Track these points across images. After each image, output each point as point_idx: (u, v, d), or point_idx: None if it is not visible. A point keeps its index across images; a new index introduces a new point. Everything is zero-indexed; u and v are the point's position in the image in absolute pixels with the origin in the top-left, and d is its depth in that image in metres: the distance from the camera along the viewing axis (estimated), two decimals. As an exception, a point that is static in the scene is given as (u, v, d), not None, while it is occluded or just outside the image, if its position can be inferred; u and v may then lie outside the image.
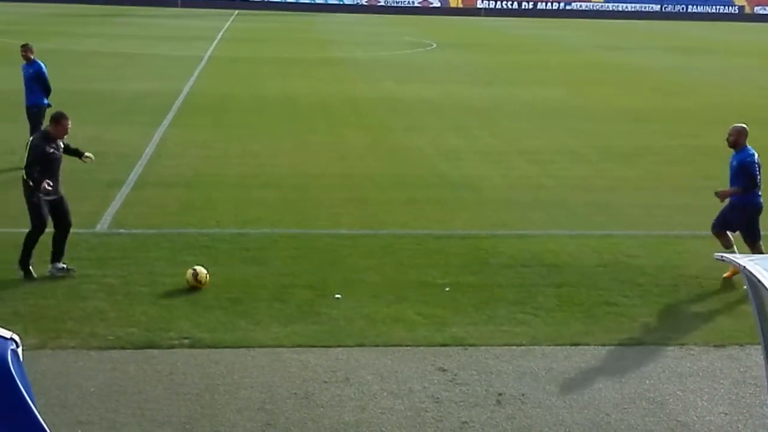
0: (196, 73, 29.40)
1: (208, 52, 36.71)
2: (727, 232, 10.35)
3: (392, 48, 42.60)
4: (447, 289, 9.85)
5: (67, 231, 10.02)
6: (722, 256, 5.12)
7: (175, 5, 73.52)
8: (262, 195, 13.90)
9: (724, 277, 10.14)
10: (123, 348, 8.16)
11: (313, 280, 10.02)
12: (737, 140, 10.27)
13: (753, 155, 10.16)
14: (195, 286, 9.56)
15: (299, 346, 8.30)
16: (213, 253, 10.85)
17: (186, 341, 8.33)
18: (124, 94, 24.38)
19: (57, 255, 9.95)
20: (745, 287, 4.73)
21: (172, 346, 8.22)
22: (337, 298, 9.47)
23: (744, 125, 10.38)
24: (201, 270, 9.63)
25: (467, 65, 35.50)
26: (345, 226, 12.26)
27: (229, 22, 56.54)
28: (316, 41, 45.32)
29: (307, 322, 8.83)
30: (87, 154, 10.51)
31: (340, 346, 8.31)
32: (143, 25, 51.55)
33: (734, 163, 10.28)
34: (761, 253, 10.01)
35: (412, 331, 8.68)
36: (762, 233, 10.41)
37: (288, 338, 8.46)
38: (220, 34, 46.89)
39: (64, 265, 9.95)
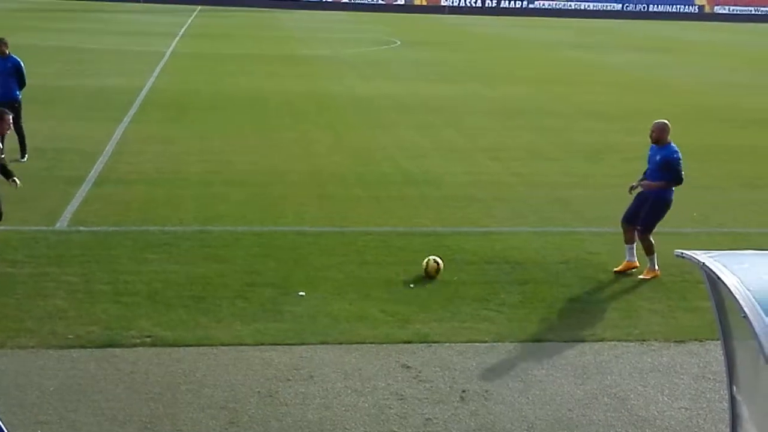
0: (158, 69, 29.14)
1: (171, 48, 36.40)
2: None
3: (357, 45, 42.55)
4: (411, 286, 9.87)
5: None
6: (682, 253, 5.17)
7: (137, 1, 72.79)
8: (225, 192, 13.82)
9: (615, 271, 10.33)
10: (83, 347, 8.07)
11: (276, 277, 9.98)
12: (660, 136, 10.41)
13: (678, 152, 10.35)
14: (432, 275, 9.98)
15: (262, 344, 8.26)
16: (175, 251, 10.77)
17: (148, 340, 8.25)
18: (85, 90, 24.10)
19: None
20: (704, 284, 4.78)
21: (134, 345, 8.14)
22: (301, 295, 9.45)
23: (666, 121, 10.53)
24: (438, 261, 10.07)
25: (432, 63, 35.56)
26: (309, 224, 12.23)
27: (191, 18, 56.13)
28: (281, 38, 45.12)
29: (271, 320, 8.79)
30: (15, 179, 10.33)
31: (303, 344, 8.29)
32: (105, 20, 50.99)
33: (657, 157, 10.38)
34: (649, 244, 10.13)
35: (376, 329, 8.68)
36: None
37: (251, 336, 8.42)
38: (183, 30, 46.52)
39: None
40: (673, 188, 10.44)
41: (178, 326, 8.56)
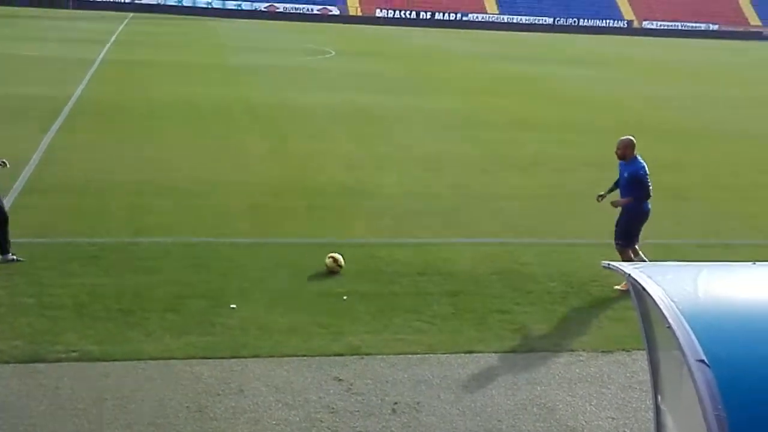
0: (87, 77, 28.63)
1: (101, 56, 35.80)
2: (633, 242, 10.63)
3: (292, 55, 42.43)
4: (345, 298, 9.83)
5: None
6: (609, 265, 5.25)
7: (67, 7, 71.44)
8: (156, 202, 13.61)
9: (616, 288, 10.38)
10: (6, 362, 7.84)
11: (208, 290, 9.85)
12: (624, 153, 10.54)
13: (644, 167, 10.45)
14: (334, 270, 10.39)
15: (192, 357, 8.13)
16: (103, 263, 10.56)
17: (73, 354, 8.06)
18: (11, 98, 23.52)
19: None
20: (630, 294, 4.86)
21: (59, 360, 7.94)
22: (233, 308, 9.34)
23: (631, 137, 10.66)
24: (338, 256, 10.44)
25: (366, 73, 35.66)
26: (242, 235, 12.12)
27: (122, 26, 55.30)
28: (215, 46, 44.76)
29: (201, 333, 8.67)
30: (4, 160, 10.93)
31: (234, 358, 8.18)
32: (33, 27, 49.89)
33: (625, 174, 10.53)
34: (629, 258, 10.35)
35: (308, 341, 8.63)
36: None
37: (181, 350, 8.28)
38: (114, 37, 45.81)
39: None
40: (649, 201, 10.54)
41: (106, 340, 8.38)
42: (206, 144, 18.60)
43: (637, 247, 10.62)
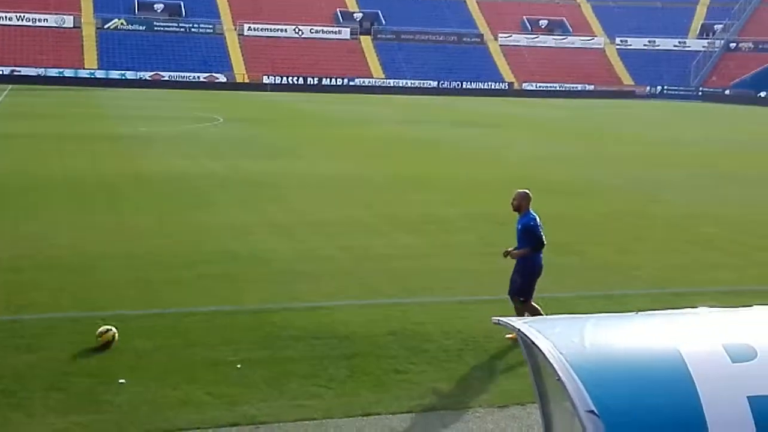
0: (-36, 151, 27.61)
1: (-21, 129, 34.65)
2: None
3: (178, 123, 42.06)
4: (239, 366, 9.64)
5: None
6: (498, 320, 5.32)
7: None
8: (38, 278, 13.12)
9: (507, 337, 10.53)
10: None
11: (94, 366, 9.50)
12: (520, 204, 10.87)
13: (535, 218, 10.78)
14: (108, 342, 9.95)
15: (79, 437, 7.79)
16: (-18, 343, 10.06)
17: (-50, 442, 7.61)
18: None
19: None
20: (521, 349, 4.92)
21: (-66, 449, 7.49)
22: (122, 383, 9.02)
23: (527, 191, 10.99)
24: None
25: (254, 139, 35.63)
26: (129, 308, 11.77)
27: (1, 97, 53.80)
28: (98, 116, 43.99)
29: (88, 412, 8.32)
30: None
31: (124, 435, 7.88)
32: None
33: (519, 226, 10.86)
34: (530, 311, 10.55)
35: (202, 413, 8.39)
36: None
37: (66, 430, 7.92)
38: (-8, 109, 44.48)
39: None
40: (541, 254, 10.79)
41: (-15, 425, 7.95)
42: (90, 217, 18.11)
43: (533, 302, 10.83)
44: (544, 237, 10.78)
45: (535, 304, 10.77)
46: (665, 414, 3.96)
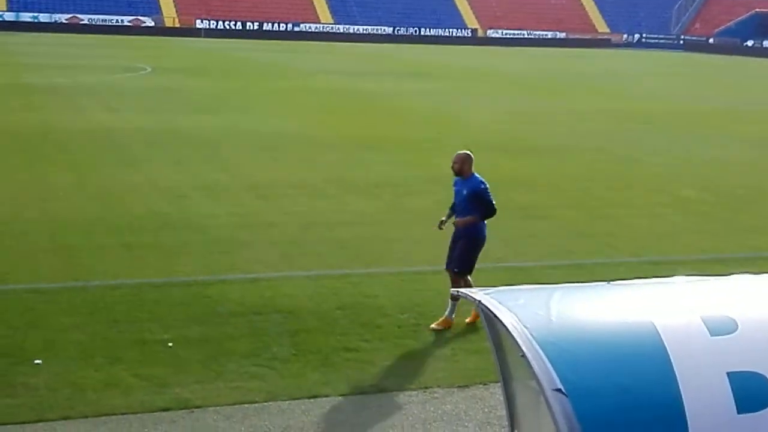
0: None
1: None
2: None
3: (100, 72, 41.43)
4: (170, 344, 9.61)
5: None
6: (458, 291, 5.36)
7: None
8: (-59, 247, 12.91)
9: (467, 323, 10.55)
10: None
11: (6, 345, 9.41)
12: (462, 168, 10.63)
13: (484, 182, 10.55)
14: None
15: (-9, 424, 7.75)
16: None
17: None
18: None
19: None
20: (482, 324, 4.98)
21: None
22: (37, 363, 8.95)
23: (469, 152, 10.78)
24: None
25: (187, 91, 35.25)
26: (45, 280, 11.65)
27: None
28: (7, 65, 43.13)
29: (1, 395, 8.26)
30: None
31: (41, 421, 7.85)
32: None
33: (464, 191, 10.60)
34: (469, 286, 10.41)
35: (128, 396, 8.37)
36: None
37: (-24, 417, 7.86)
38: None
39: None
40: (485, 222, 10.60)
41: None
42: (1, 177, 17.82)
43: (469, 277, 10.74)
44: (494, 202, 10.58)
45: (470, 279, 10.63)
46: (638, 393, 4.03)
